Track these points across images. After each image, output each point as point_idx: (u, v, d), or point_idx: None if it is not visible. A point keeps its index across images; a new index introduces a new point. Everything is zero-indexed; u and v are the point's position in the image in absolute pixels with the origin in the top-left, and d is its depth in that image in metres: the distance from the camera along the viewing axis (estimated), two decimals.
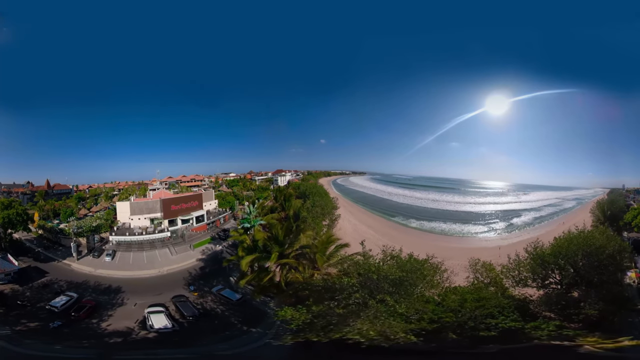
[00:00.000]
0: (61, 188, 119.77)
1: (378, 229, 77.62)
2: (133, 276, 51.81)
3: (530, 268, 28.36)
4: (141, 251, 63.20)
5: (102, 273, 51.33)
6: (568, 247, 27.54)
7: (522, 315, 20.63)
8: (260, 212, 67.22)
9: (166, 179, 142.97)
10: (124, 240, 66.35)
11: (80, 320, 35.15)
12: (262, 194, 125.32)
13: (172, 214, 76.30)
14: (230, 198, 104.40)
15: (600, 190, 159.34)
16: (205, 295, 44.21)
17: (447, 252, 53.40)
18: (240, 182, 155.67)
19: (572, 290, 26.33)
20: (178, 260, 59.52)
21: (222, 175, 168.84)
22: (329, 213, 66.72)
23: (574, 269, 26.22)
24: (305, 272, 35.25)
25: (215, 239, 71.35)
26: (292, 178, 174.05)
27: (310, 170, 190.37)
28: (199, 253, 62.57)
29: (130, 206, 77.02)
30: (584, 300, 23.30)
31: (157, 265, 56.72)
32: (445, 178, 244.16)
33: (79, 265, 54.27)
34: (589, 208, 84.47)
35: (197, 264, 57.04)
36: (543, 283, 27.66)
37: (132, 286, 46.47)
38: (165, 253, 62.66)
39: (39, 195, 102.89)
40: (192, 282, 49.47)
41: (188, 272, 52.85)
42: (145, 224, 74.59)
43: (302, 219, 54.28)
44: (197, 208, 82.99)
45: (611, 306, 22.50)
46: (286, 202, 68.41)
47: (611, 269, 25.70)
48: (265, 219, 58.11)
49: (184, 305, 39.67)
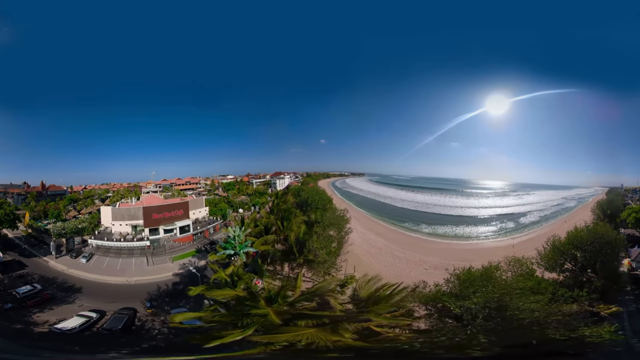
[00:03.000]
0: (55, 189, 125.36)
1: (388, 236, 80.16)
2: (99, 280, 55.44)
3: (553, 257, 38.83)
4: (118, 257, 65.91)
5: (73, 273, 57.42)
6: (579, 238, 38.50)
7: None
8: (252, 228, 60.92)
9: (161, 182, 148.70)
10: (102, 244, 70.58)
11: (27, 308, 43.05)
12: (259, 200, 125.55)
13: (154, 223, 76.94)
14: (223, 205, 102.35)
15: (599, 189, 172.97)
16: (159, 315, 42.60)
17: (466, 255, 62.80)
18: (236, 185, 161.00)
19: (583, 273, 36.99)
20: (152, 271, 60.08)
21: (219, 177, 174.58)
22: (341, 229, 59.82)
23: (584, 254, 36.89)
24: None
25: (200, 252, 69.58)
26: (291, 181, 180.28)
27: (309, 172, 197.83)
28: (177, 266, 61.78)
29: (112, 212, 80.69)
30: (592, 278, 33.84)
31: (128, 273, 58.42)
32: (445, 178, 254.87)
33: (55, 263, 61.92)
34: (588, 208, 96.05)
35: (171, 278, 56.04)
36: (562, 268, 38.20)
37: (93, 289, 50.90)
38: (142, 262, 63.96)
39: (31, 196, 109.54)
40: (155, 298, 48.17)
41: (157, 286, 52.06)
42: (127, 230, 77.52)
43: (318, 261, 46.71)
44: (183, 217, 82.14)
45: (609, 282, 32.99)
46: (285, 221, 59.63)
47: (609, 253, 36.35)
48: (257, 244, 53.48)
49: (115, 318, 40.09)
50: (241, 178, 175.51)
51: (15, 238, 75.62)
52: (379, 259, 62.88)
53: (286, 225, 57.91)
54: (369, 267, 55.92)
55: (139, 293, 49.15)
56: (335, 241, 52.96)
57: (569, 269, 37.95)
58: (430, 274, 51.64)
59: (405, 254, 66.31)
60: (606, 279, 34.14)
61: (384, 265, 59.83)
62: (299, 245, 48.79)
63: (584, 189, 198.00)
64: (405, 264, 60.71)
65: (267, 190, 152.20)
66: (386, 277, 43.99)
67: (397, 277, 48.29)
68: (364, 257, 61.97)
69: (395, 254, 66.08)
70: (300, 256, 47.76)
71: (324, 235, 51.93)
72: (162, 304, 46.70)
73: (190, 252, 69.57)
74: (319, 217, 60.92)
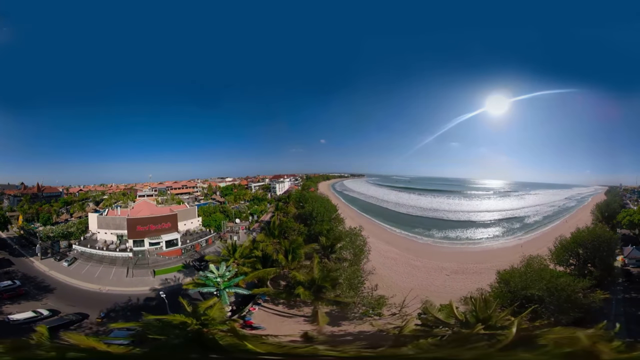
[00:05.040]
0: (51, 191, 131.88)
1: (398, 244, 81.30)
2: (74, 284, 59.67)
3: (562, 253, 49.89)
4: (99, 265, 69.31)
5: (52, 274, 63.29)
6: (581, 237, 50.03)
7: None
8: (244, 258, 54.54)
9: (156, 185, 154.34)
10: (85, 251, 75.29)
11: (2, 299, 50.66)
12: (258, 207, 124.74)
13: (138, 235, 77.70)
14: (218, 216, 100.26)
15: (599, 187, 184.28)
16: (104, 325, 44.47)
17: (479, 257, 70.83)
18: (234, 189, 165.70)
19: (585, 266, 47.97)
20: (129, 283, 61.42)
21: (217, 180, 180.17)
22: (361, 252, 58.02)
23: (585, 251, 47.65)
24: None
25: (188, 268, 68.02)
26: (291, 184, 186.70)
27: (308, 174, 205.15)
28: (158, 281, 61.83)
29: (98, 220, 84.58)
30: (592, 270, 44.12)
31: (104, 282, 60.78)
32: (444, 178, 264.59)
33: (39, 264, 68.76)
34: (587, 209, 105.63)
35: (147, 293, 56.21)
36: (568, 263, 49.13)
37: (64, 292, 55.90)
38: (121, 273, 65.83)
39: (25, 199, 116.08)
40: (119, 310, 49.53)
41: (128, 299, 53.48)
42: (112, 239, 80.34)
43: (344, 302, 41.12)
44: (170, 230, 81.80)
45: (604, 274, 43.10)
46: (291, 253, 53.85)
47: (606, 250, 47.14)
48: (250, 277, 48.47)
49: (58, 319, 45.20)
50: (239, 182, 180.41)
51: (8, 238, 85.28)
52: (396, 271, 63.49)
53: (292, 257, 53.39)
54: (390, 280, 56.96)
55: (105, 302, 51.52)
56: (362, 276, 48.60)
57: (573, 263, 48.96)
58: (454, 280, 58.02)
59: (421, 261, 69.07)
60: (603, 272, 44.95)
61: (403, 276, 60.64)
62: (313, 286, 42.21)
63: (583, 187, 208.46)
64: (425, 273, 63.09)
65: (266, 196, 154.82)
66: (412, 288, 48.81)
67: (423, 287, 53.73)
68: (381, 269, 61.92)
69: (412, 263, 68.35)
70: (318, 301, 42.14)
71: (349, 272, 46.62)
72: (121, 317, 47.48)
73: (176, 266, 69.20)
74: (331, 238, 59.87)
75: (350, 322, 41.42)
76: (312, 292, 41.62)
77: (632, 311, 41.95)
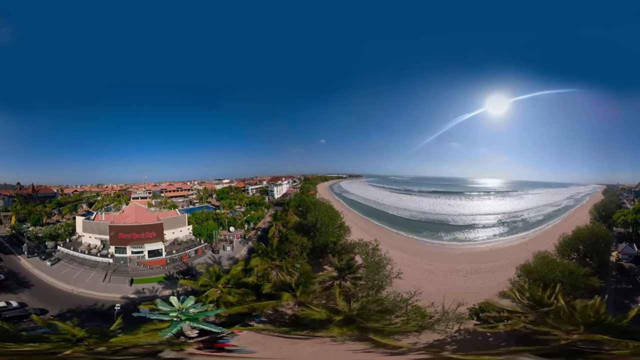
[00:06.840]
0: (46, 192, 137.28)
1: (407, 248, 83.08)
2: (50, 283, 66.30)
3: (565, 249, 59.85)
4: (80, 267, 74.73)
5: (34, 272, 70.18)
6: (581, 235, 60.21)
7: None
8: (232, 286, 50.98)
9: (152, 187, 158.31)
10: (68, 253, 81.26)
11: None
12: (254, 214, 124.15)
13: (120, 242, 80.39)
14: (211, 224, 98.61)
15: (597, 186, 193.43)
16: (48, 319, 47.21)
17: (489, 256, 77.93)
18: (231, 192, 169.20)
19: (584, 260, 57.56)
20: (103, 288, 65.05)
21: (214, 182, 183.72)
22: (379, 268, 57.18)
23: (584, 247, 57.84)
24: None
25: (170, 279, 68.14)
26: (289, 187, 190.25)
27: (306, 176, 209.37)
28: (133, 290, 63.63)
29: (83, 223, 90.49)
30: (591, 263, 54.41)
31: (79, 284, 65.53)
32: (443, 177, 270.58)
33: (25, 262, 76.06)
34: (586, 208, 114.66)
35: (116, 300, 57.69)
36: (570, 257, 59.31)
37: (40, 288, 62.78)
38: (99, 277, 69.87)
39: (18, 200, 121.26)
40: (78, 312, 53.36)
41: (94, 302, 57.96)
42: (96, 243, 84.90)
43: None
44: (155, 239, 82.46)
45: (601, 267, 53.76)
46: (300, 287, 48.85)
47: (602, 247, 57.62)
48: (233, 310, 45.24)
49: (15, 309, 52.81)
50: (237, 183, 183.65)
51: (0, 237, 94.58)
52: (412, 277, 63.10)
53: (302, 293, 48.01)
54: (411, 287, 53.32)
55: (70, 303, 56.78)
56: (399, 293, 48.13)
57: (575, 257, 59.23)
58: (472, 280, 63.94)
59: (434, 265, 72.04)
60: (599, 265, 55.28)
61: (421, 282, 60.25)
62: (352, 323, 39.21)
63: (581, 186, 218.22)
64: (442, 276, 66.08)
65: (263, 200, 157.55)
66: (434, 294, 51.61)
67: (446, 290, 56.67)
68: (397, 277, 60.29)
69: (425, 267, 70.66)
70: (367, 333, 37.88)
71: (392, 297, 46.85)
72: (75, 317, 49.22)
73: (157, 277, 70.89)
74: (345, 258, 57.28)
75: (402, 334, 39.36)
76: (355, 326, 38.66)
77: (620, 299, 52.43)
